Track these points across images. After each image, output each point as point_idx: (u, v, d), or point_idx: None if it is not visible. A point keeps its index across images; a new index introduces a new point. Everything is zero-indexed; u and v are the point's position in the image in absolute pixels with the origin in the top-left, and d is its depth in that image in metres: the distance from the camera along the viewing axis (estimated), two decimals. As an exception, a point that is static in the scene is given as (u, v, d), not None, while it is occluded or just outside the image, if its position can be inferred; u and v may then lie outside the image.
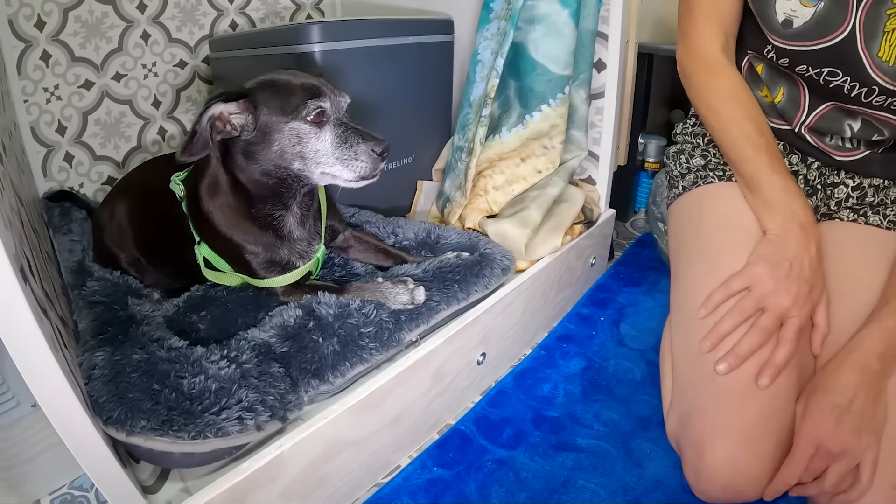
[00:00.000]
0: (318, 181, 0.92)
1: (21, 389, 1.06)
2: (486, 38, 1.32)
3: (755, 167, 0.90)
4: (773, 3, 0.87)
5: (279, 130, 0.86)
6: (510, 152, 1.32)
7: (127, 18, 1.55)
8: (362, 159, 0.88)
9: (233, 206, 0.94)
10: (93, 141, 1.57)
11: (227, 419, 0.74)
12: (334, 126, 0.89)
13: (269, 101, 0.86)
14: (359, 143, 0.88)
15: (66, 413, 0.62)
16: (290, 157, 0.88)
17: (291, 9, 1.90)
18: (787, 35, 0.86)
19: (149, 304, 0.99)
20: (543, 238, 1.21)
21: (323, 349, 0.86)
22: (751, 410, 0.76)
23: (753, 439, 0.75)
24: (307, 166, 0.89)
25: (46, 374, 0.59)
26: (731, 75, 0.95)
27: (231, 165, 0.91)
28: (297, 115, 0.86)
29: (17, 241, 0.69)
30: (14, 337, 0.55)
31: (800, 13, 0.84)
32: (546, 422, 1.03)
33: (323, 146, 0.88)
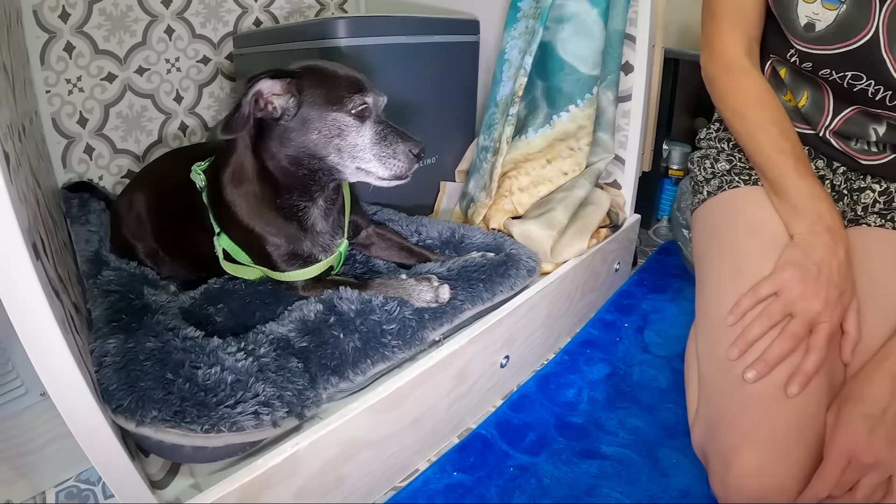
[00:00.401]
0: (351, 176, 0.90)
1: (30, 377, 1.05)
2: (513, 37, 1.30)
3: (781, 171, 0.88)
4: (795, 7, 0.85)
5: (321, 119, 0.85)
6: (536, 153, 1.29)
7: (151, 13, 1.55)
8: (400, 158, 0.87)
9: (258, 195, 0.92)
10: (114, 134, 1.57)
11: (242, 413, 0.71)
12: (375, 123, 0.88)
13: (315, 89, 0.85)
14: (398, 142, 0.87)
15: (73, 399, 0.60)
16: (327, 148, 0.86)
17: (315, 7, 1.90)
18: (809, 39, 0.85)
19: (165, 294, 0.97)
20: (569, 240, 1.18)
21: (344, 345, 0.83)
22: (782, 418, 0.73)
23: (784, 448, 0.71)
24: (343, 160, 0.87)
25: (55, 355, 0.57)
26: (755, 79, 0.94)
27: (261, 151, 0.89)
28: (341, 107, 0.85)
29: (32, 217, 0.67)
30: (22, 313, 0.53)
31: (822, 16, 0.83)
32: (570, 428, 1.00)
33: (362, 141, 0.86)
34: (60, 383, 0.58)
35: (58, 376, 0.58)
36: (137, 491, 0.68)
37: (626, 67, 1.33)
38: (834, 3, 0.81)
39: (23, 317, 0.54)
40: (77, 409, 0.60)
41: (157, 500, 0.71)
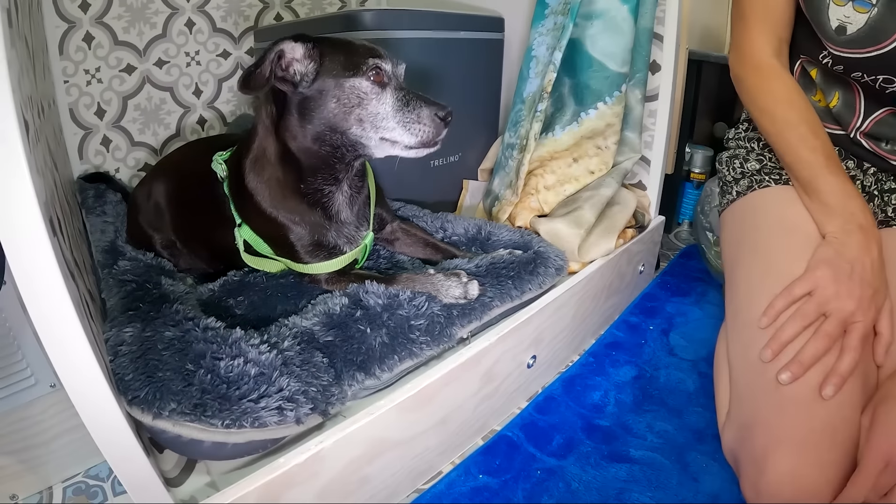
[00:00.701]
0: (376, 149, 0.87)
1: (40, 368, 1.03)
2: (540, 33, 1.28)
3: (812, 170, 0.87)
4: (826, 10, 0.84)
5: (339, 86, 0.82)
6: (562, 151, 1.27)
7: (172, 5, 1.54)
8: (425, 123, 0.84)
9: (281, 181, 0.89)
10: (131, 126, 1.55)
11: (265, 408, 0.68)
12: (395, 89, 0.84)
13: (333, 55, 0.82)
14: (421, 106, 0.84)
15: (87, 387, 0.57)
16: (348, 120, 0.83)
17: (337, 4, 1.88)
18: (840, 42, 0.84)
19: (182, 285, 0.95)
20: (596, 240, 1.15)
21: (370, 340, 0.80)
22: (817, 421, 0.71)
23: (819, 451, 0.69)
24: (365, 131, 0.84)
25: (69, 338, 0.55)
26: (784, 78, 0.93)
27: (283, 132, 0.87)
28: (357, 72, 0.82)
29: (49, 194, 0.65)
30: (36, 289, 0.51)
31: (853, 19, 0.82)
32: (597, 431, 0.97)
33: (384, 109, 0.83)
34: (74, 369, 0.56)
35: (71, 362, 0.56)
36: (152, 488, 0.66)
37: (654, 67, 1.31)
38: (865, 6, 0.80)
39: (37, 293, 0.51)
40: (90, 398, 0.58)
41: (171, 498, 0.68)
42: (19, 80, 0.56)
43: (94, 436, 0.59)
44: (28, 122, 0.58)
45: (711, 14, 1.79)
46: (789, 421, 0.72)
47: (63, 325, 0.54)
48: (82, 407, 0.57)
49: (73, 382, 0.56)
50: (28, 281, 0.50)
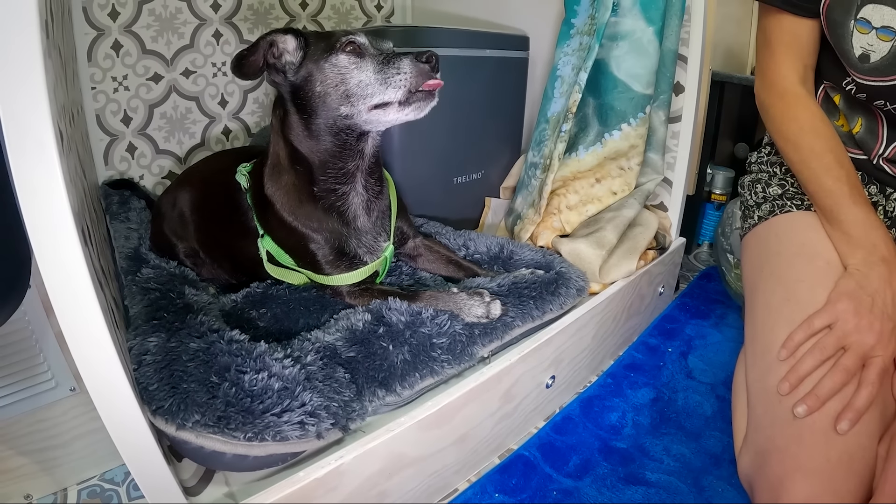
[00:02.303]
0: (370, 121, 0.86)
1: (61, 371, 1.04)
2: (566, 53, 1.28)
3: (835, 199, 0.88)
4: (850, 38, 0.85)
5: (320, 70, 0.84)
6: (585, 172, 1.27)
7: (200, 16, 1.56)
8: (406, 71, 0.82)
9: (296, 186, 0.91)
10: (157, 134, 1.57)
11: (288, 422, 0.68)
12: (372, 56, 0.84)
13: (316, 43, 0.85)
14: (401, 59, 0.83)
15: (112, 394, 0.58)
16: (335, 99, 0.84)
17: (363, 19, 1.90)
18: (864, 70, 0.85)
19: (206, 295, 0.95)
20: (618, 261, 1.15)
21: (393, 357, 0.81)
22: (834, 450, 0.71)
23: (835, 481, 0.69)
24: (355, 106, 0.84)
25: (97, 346, 0.55)
26: (809, 107, 0.93)
27: (289, 133, 0.89)
28: (331, 52, 0.84)
29: (79, 203, 0.66)
30: (66, 298, 0.52)
31: (877, 47, 0.83)
32: (614, 453, 0.97)
33: (365, 76, 0.83)
34: (100, 376, 0.57)
35: (98, 369, 0.56)
36: (171, 496, 0.66)
37: (678, 88, 1.32)
38: (889, 34, 0.81)
39: (67, 302, 0.52)
40: (115, 405, 0.59)
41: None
42: (54, 90, 0.57)
43: (116, 442, 0.59)
44: (62, 132, 0.59)
45: (734, 35, 1.79)
46: (807, 449, 0.72)
47: (91, 332, 0.55)
48: (106, 413, 0.58)
49: (98, 388, 0.57)
50: (59, 288, 0.51)
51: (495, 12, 1.62)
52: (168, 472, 0.65)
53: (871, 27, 0.83)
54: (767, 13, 0.96)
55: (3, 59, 0.45)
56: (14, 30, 0.45)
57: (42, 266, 0.51)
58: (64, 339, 0.88)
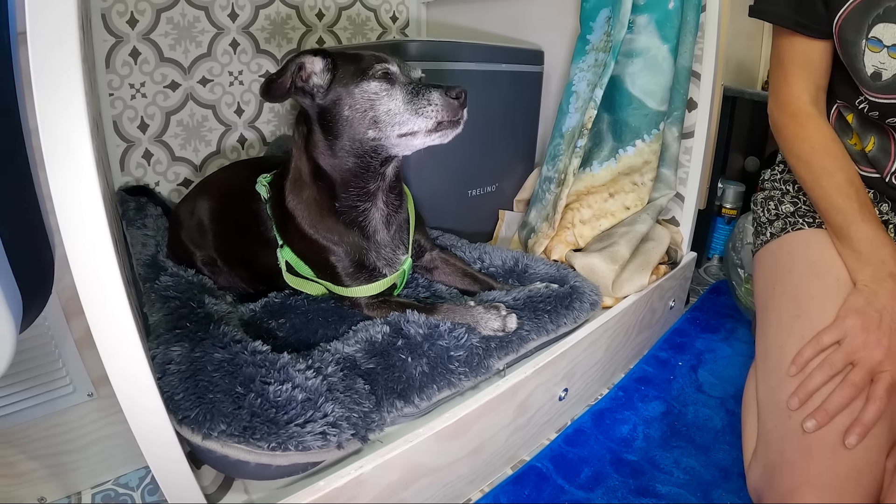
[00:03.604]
0: (397, 147, 0.88)
1: (79, 377, 1.05)
2: (581, 69, 1.29)
3: (845, 217, 0.89)
4: (862, 56, 0.86)
5: (349, 94, 0.85)
6: (599, 186, 1.28)
7: (218, 25, 1.57)
8: (436, 103, 0.84)
9: (318, 200, 0.92)
10: (173, 141, 1.59)
11: (310, 433, 0.70)
12: (404, 84, 0.86)
13: (344, 66, 0.86)
14: (431, 91, 0.85)
15: (141, 400, 0.59)
16: (363, 123, 0.85)
17: (378, 31, 1.92)
18: (876, 88, 0.86)
19: (225, 305, 0.96)
20: (630, 275, 1.16)
21: (411, 369, 0.82)
22: (843, 464, 0.72)
23: (844, 495, 0.71)
24: (382, 131, 0.86)
25: (128, 353, 0.57)
26: (821, 127, 0.95)
27: (312, 149, 0.90)
28: (364, 77, 0.85)
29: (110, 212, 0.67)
30: (99, 306, 0.54)
31: (888, 65, 0.84)
32: (625, 465, 0.98)
33: (395, 104, 0.85)
34: (129, 382, 0.58)
35: (127, 375, 0.57)
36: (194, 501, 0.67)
37: (690, 104, 1.33)
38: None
39: (100, 310, 0.54)
40: (143, 411, 0.60)
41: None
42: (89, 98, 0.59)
43: (142, 447, 0.61)
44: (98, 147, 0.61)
45: (746, 49, 1.80)
46: (815, 464, 0.73)
47: (122, 339, 0.56)
48: (133, 418, 0.59)
49: (127, 393, 0.58)
50: (92, 296, 0.53)
51: (510, 26, 1.63)
52: (192, 478, 0.66)
53: (882, 45, 0.84)
54: (781, 34, 0.97)
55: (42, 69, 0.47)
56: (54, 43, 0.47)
57: (76, 273, 0.52)
58: (83, 345, 0.90)
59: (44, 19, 0.46)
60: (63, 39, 0.47)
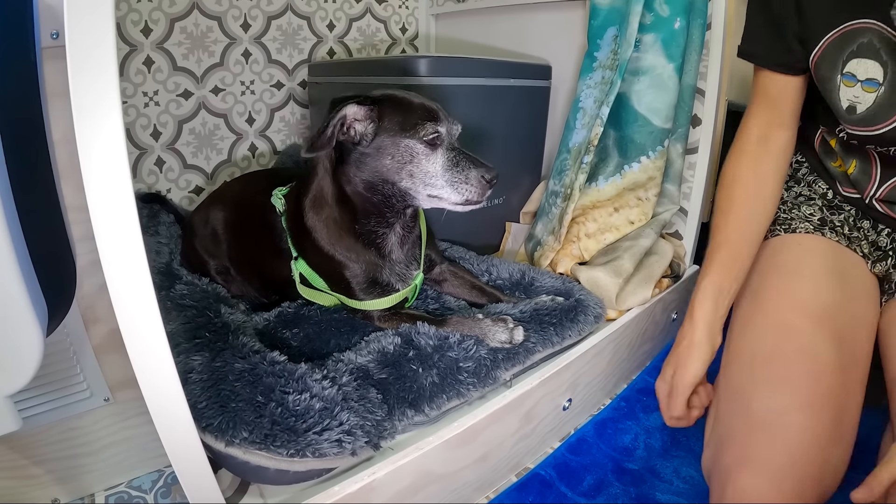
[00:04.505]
0: (423, 202, 0.92)
1: (96, 382, 1.07)
2: (588, 85, 1.32)
3: (708, 260, 0.99)
4: (837, 91, 0.89)
5: (395, 145, 0.87)
6: (604, 201, 1.31)
7: (230, 35, 1.60)
8: (472, 184, 0.89)
9: (337, 221, 0.95)
10: (185, 149, 1.62)
11: (327, 440, 0.73)
12: (447, 150, 0.89)
13: (391, 115, 0.88)
14: (470, 168, 0.89)
15: (169, 404, 0.62)
16: (399, 173, 0.88)
17: (387, 42, 1.95)
18: (852, 121, 0.88)
19: (240, 314, 0.99)
20: (634, 289, 1.19)
21: (422, 380, 0.85)
22: (776, 447, 0.75)
23: (776, 476, 0.73)
24: (415, 185, 0.89)
25: (158, 358, 0.59)
26: (752, 166, 1.00)
27: (340, 176, 0.92)
28: (413, 134, 0.87)
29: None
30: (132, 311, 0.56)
31: (862, 99, 0.86)
32: (627, 473, 1.00)
33: (434, 168, 0.88)
34: (159, 389, 0.60)
35: (158, 382, 0.60)
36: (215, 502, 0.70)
37: (695, 121, 1.35)
38: (873, 85, 0.84)
39: (133, 316, 0.56)
40: (171, 417, 0.62)
41: (229, 516, 0.73)
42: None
43: (168, 450, 0.63)
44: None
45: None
46: (756, 442, 0.77)
47: (153, 346, 0.58)
48: (161, 422, 0.62)
49: (156, 399, 0.60)
50: (125, 302, 0.56)
51: (518, 39, 1.66)
52: (214, 481, 0.69)
53: (856, 80, 0.87)
54: (757, 70, 1.01)
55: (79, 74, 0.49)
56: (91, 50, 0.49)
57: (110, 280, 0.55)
58: (100, 351, 0.93)
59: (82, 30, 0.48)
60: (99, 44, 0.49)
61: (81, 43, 0.48)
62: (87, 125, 0.50)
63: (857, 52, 0.85)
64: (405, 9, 1.95)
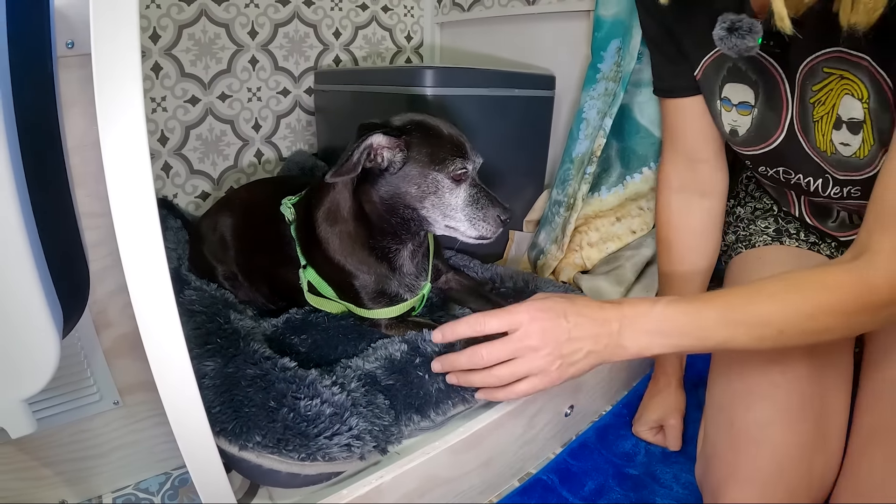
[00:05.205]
0: (439, 230, 0.95)
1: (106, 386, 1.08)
2: (591, 97, 1.34)
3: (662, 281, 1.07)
4: (720, 117, 0.91)
5: (422, 175, 0.89)
6: (607, 211, 1.33)
7: (238, 42, 1.62)
8: (488, 222, 0.93)
9: (352, 234, 0.97)
10: (192, 155, 1.63)
11: (337, 445, 0.75)
12: (469, 186, 0.92)
13: (420, 146, 0.89)
14: (488, 206, 0.93)
15: (186, 405, 0.63)
16: (422, 202, 0.91)
17: (393, 50, 1.97)
18: (736, 143, 0.91)
19: (249, 320, 1.01)
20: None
21: (428, 386, 0.86)
22: (763, 459, 0.77)
23: (766, 489, 0.75)
24: (434, 215, 0.92)
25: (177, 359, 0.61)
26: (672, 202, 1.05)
27: (360, 194, 0.94)
28: (442, 168, 0.89)
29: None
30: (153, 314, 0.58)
31: (740, 122, 0.89)
32: (627, 479, 1.02)
33: (456, 202, 0.91)
34: (177, 392, 0.62)
35: (176, 384, 0.62)
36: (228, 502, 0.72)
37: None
38: (746, 108, 0.86)
39: (154, 320, 0.58)
40: (188, 419, 0.64)
41: (240, 518, 0.75)
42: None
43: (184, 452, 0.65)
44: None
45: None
46: (740, 456, 0.79)
47: (172, 347, 0.60)
48: (178, 425, 0.63)
49: (173, 400, 0.62)
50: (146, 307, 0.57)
51: (522, 50, 1.67)
52: (227, 483, 0.70)
53: (731, 104, 0.89)
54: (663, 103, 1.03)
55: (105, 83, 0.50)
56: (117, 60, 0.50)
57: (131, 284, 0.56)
58: (111, 355, 0.95)
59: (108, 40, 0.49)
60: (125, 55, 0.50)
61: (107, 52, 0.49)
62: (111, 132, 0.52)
63: (728, 76, 0.87)
64: (410, 17, 1.97)
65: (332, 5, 1.78)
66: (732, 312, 0.70)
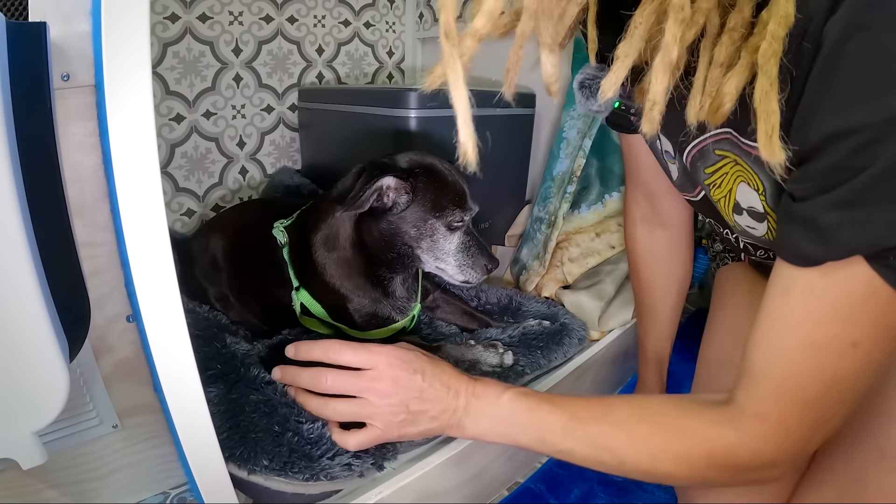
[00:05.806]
0: (429, 268, 1.01)
1: (105, 410, 1.10)
2: (571, 117, 1.38)
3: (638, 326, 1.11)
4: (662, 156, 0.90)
5: (422, 220, 0.95)
6: (587, 227, 1.38)
7: (222, 60, 1.63)
8: (476, 269, 0.99)
9: (349, 261, 1.01)
10: (177, 172, 1.64)
11: (338, 464, 0.79)
12: (464, 234, 0.98)
13: (425, 192, 0.94)
14: (478, 255, 0.98)
15: (197, 426, 0.68)
16: (419, 242, 0.96)
17: (375, 66, 2.00)
18: (675, 186, 0.90)
19: (244, 343, 1.04)
20: (615, 311, 1.26)
21: (422, 405, 0.91)
22: None
23: (737, 495, 0.77)
24: (427, 256, 0.97)
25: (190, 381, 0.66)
26: (641, 236, 1.09)
27: (361, 224, 0.98)
28: (441, 217, 0.95)
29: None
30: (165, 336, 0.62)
31: (671, 168, 0.87)
32: (612, 484, 1.07)
33: (449, 247, 0.97)
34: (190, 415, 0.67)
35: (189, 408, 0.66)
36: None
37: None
38: (671, 158, 0.84)
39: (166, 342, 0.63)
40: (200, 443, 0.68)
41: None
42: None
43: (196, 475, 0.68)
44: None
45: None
46: None
47: (184, 368, 0.65)
48: (190, 447, 0.67)
49: (186, 424, 0.66)
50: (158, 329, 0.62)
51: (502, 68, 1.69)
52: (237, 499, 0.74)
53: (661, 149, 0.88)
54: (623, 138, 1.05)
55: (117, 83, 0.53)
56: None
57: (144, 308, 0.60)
58: (110, 380, 0.97)
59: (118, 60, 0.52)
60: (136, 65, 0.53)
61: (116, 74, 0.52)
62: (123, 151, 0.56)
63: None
64: (392, 33, 2.00)
65: (315, 22, 1.80)
66: (577, 426, 0.66)
